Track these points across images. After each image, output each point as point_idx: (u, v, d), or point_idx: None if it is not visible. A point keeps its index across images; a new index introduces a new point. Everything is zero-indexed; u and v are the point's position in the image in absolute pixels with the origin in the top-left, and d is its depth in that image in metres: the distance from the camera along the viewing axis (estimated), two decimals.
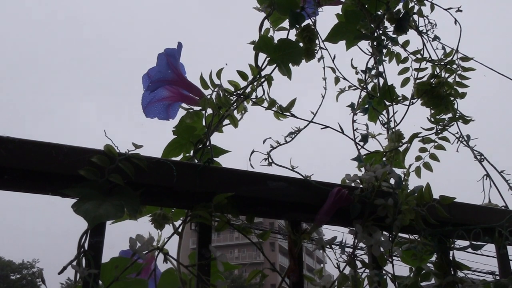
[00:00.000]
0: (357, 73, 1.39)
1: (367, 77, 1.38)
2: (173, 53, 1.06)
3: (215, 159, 1.07)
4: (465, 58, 1.36)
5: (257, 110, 1.16)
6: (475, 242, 0.99)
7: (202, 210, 0.87)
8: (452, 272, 1.03)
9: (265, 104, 1.15)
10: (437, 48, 1.39)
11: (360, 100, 1.37)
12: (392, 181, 1.01)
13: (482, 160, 1.26)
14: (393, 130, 1.30)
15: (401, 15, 1.37)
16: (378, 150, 1.28)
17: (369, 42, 1.38)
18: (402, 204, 0.97)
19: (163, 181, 0.86)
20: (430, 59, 1.39)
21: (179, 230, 0.91)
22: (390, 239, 0.99)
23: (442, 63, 1.37)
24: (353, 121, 1.25)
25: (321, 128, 1.15)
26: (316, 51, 1.30)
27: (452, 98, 1.36)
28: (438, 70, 1.37)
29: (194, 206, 0.89)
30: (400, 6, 1.40)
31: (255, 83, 1.15)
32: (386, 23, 1.39)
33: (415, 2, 1.41)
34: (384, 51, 1.37)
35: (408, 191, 1.01)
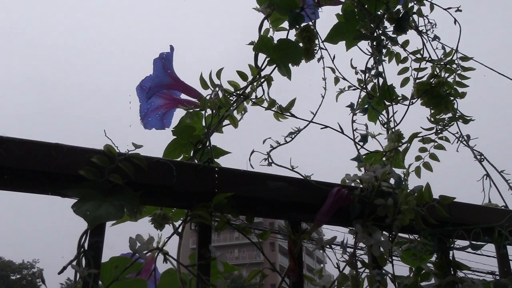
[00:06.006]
0: (356, 73, 1.39)
1: (366, 77, 1.38)
2: (167, 57, 1.07)
3: (215, 160, 1.07)
4: (465, 58, 1.36)
5: (257, 111, 1.16)
6: (475, 242, 0.99)
7: (202, 210, 0.87)
8: (452, 272, 1.03)
9: (265, 104, 1.15)
10: (436, 48, 1.39)
11: (360, 100, 1.37)
12: (392, 181, 1.01)
13: (482, 160, 1.26)
14: (393, 130, 1.30)
15: (400, 15, 1.37)
16: (378, 150, 1.28)
17: (368, 42, 1.38)
18: (402, 204, 0.97)
19: (163, 181, 0.86)
20: (429, 59, 1.38)
21: (179, 230, 0.91)
22: (390, 239, 0.99)
23: (442, 63, 1.36)
24: (353, 121, 1.25)
25: (321, 128, 1.15)
26: (315, 51, 1.30)
27: (452, 98, 1.36)
28: (437, 70, 1.37)
29: (194, 206, 0.89)
30: (399, 6, 1.40)
31: (255, 84, 1.15)
32: (386, 23, 1.39)
33: (415, 2, 1.41)
34: (384, 51, 1.37)
35: (408, 191, 1.01)
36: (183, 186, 0.87)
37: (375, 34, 1.35)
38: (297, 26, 1.25)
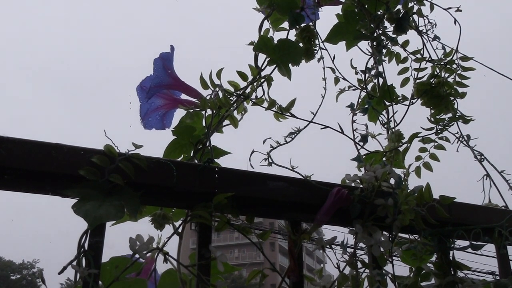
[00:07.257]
0: (356, 73, 1.39)
1: (366, 77, 1.38)
2: (168, 57, 1.07)
3: (215, 160, 1.07)
4: (465, 58, 1.36)
5: (257, 111, 1.16)
6: (475, 242, 0.99)
7: (202, 210, 0.87)
8: (452, 272, 1.03)
9: (265, 104, 1.15)
10: (437, 48, 1.39)
11: (360, 100, 1.37)
12: (392, 181, 1.01)
13: (482, 160, 1.26)
14: (393, 130, 1.30)
15: (400, 15, 1.37)
16: (378, 150, 1.28)
17: (368, 42, 1.38)
18: (402, 204, 0.97)
19: (163, 181, 0.86)
20: (430, 59, 1.38)
21: (179, 230, 0.91)
22: (390, 239, 0.99)
23: (442, 63, 1.36)
24: (353, 121, 1.25)
25: (321, 128, 1.15)
26: (315, 51, 1.30)
27: (452, 98, 1.36)
28: (438, 70, 1.37)
29: (194, 206, 0.89)
30: (399, 6, 1.40)
31: (255, 84, 1.15)
32: (386, 23, 1.39)
33: (415, 2, 1.41)
34: (384, 51, 1.37)
35: (408, 191, 1.01)
36: (183, 186, 0.87)
37: (375, 34, 1.35)
38: (297, 26, 1.25)
